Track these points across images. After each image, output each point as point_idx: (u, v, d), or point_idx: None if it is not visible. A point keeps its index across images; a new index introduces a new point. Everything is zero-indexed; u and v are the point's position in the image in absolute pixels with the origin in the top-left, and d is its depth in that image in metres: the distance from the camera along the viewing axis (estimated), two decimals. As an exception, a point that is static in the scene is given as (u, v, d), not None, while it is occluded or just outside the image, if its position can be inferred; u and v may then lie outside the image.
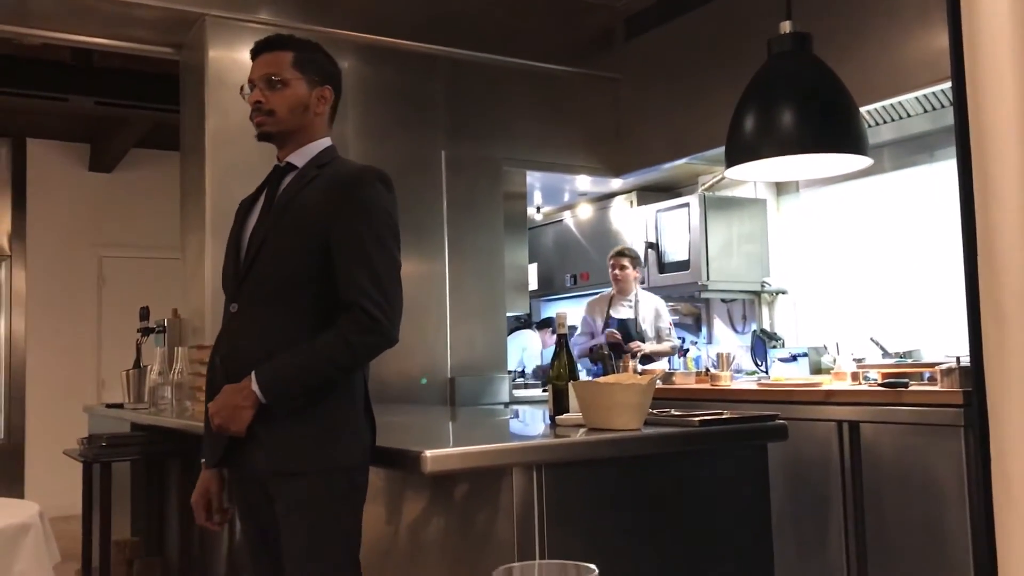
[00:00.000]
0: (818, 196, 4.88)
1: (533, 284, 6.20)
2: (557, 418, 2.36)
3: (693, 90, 4.83)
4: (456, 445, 2.09)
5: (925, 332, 4.14)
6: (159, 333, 4.35)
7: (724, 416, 2.31)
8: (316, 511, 1.90)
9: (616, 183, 5.60)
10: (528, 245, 5.54)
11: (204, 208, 4.10)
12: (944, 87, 3.69)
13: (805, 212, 4.98)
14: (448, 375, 4.59)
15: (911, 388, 3.34)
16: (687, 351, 5.32)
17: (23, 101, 6.27)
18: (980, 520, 1.38)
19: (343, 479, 1.93)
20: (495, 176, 4.89)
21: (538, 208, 6.38)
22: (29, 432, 7.51)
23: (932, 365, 3.53)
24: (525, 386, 5.27)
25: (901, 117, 4.12)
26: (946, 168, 4.12)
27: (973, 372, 1.45)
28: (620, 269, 5.14)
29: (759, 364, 4.63)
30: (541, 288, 6.53)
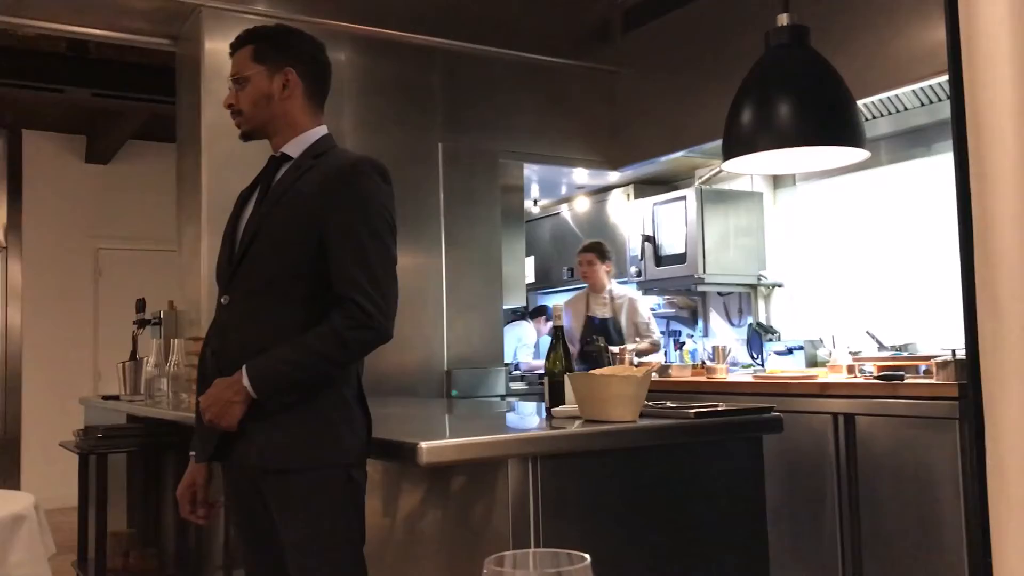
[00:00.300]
0: (815, 189, 4.88)
1: (530, 277, 6.20)
2: (553, 410, 2.36)
3: (690, 83, 4.83)
4: (452, 437, 2.09)
5: (921, 325, 4.15)
6: (155, 325, 4.34)
7: (720, 408, 2.31)
8: (313, 508, 1.88)
9: (613, 176, 5.59)
10: (525, 238, 5.53)
11: (200, 200, 4.09)
12: (941, 80, 3.69)
13: (802, 205, 4.98)
14: (445, 368, 4.59)
15: (907, 381, 3.35)
16: (683, 344, 5.32)
17: (19, 92, 6.26)
18: (974, 512, 1.38)
19: (339, 475, 1.91)
20: (492, 168, 4.88)
21: (535, 201, 6.38)
22: (25, 424, 7.51)
23: (928, 358, 3.54)
24: (522, 379, 5.26)
25: (898, 110, 4.12)
26: (943, 161, 4.12)
27: (968, 365, 1.46)
28: (587, 265, 5.01)
29: (755, 357, 4.63)
30: (538, 281, 6.53)
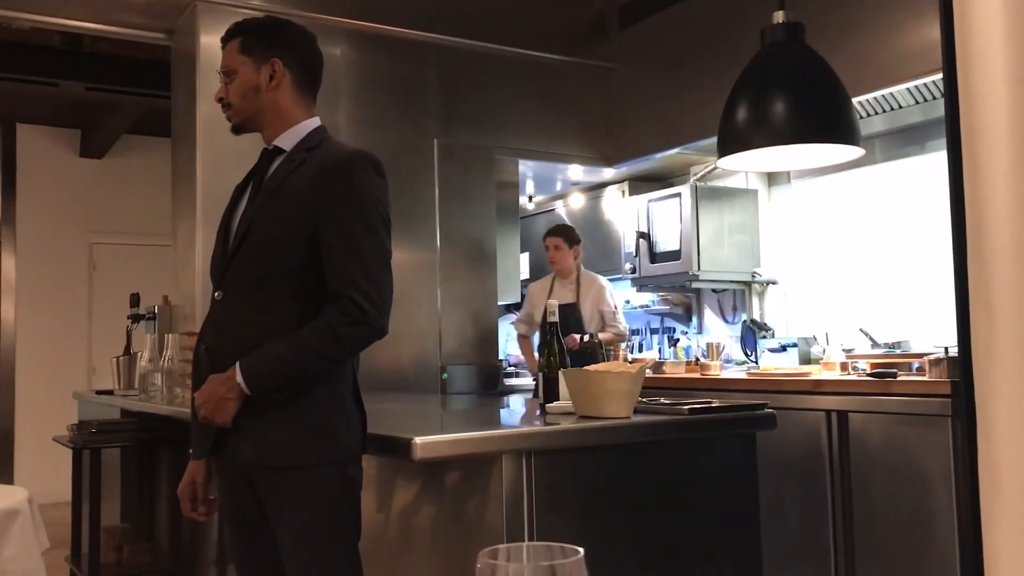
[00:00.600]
0: (809, 187, 4.89)
1: (525, 273, 6.20)
2: (547, 406, 2.36)
3: (686, 80, 4.83)
4: (446, 432, 2.09)
5: (914, 323, 4.16)
6: (149, 320, 4.33)
7: (713, 405, 2.32)
8: (308, 505, 1.87)
9: (608, 173, 5.59)
10: (520, 234, 5.53)
11: (195, 195, 4.08)
12: (936, 78, 3.70)
13: (796, 203, 4.99)
14: (439, 364, 4.59)
15: (900, 378, 3.36)
16: (677, 340, 5.32)
17: (13, 86, 6.23)
18: (966, 508, 1.39)
19: (335, 472, 1.90)
20: (487, 164, 4.88)
21: (530, 197, 6.37)
22: (19, 418, 7.49)
23: (921, 355, 3.56)
24: (516, 375, 5.27)
25: (893, 108, 4.13)
26: (937, 159, 4.13)
27: (961, 362, 1.46)
28: (554, 249, 4.93)
29: (749, 354, 4.64)
30: (533, 277, 6.52)
